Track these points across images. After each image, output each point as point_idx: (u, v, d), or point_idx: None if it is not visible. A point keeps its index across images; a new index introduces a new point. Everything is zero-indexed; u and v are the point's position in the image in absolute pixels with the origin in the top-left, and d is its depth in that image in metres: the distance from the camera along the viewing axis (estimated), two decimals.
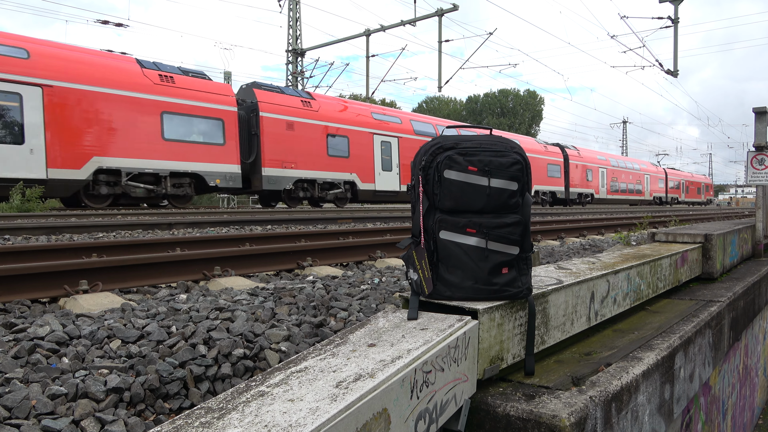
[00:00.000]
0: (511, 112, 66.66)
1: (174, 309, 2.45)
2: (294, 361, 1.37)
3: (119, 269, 3.47)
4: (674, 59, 21.50)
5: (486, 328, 1.67)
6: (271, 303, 2.61)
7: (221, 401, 1.13)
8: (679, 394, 2.42)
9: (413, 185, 1.76)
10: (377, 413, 1.17)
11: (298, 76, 27.07)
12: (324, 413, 1.05)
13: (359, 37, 24.25)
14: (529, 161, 1.76)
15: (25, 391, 1.51)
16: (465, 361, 1.57)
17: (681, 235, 4.20)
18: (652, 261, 3.12)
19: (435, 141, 1.74)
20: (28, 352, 1.82)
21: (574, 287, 2.22)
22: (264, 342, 2.01)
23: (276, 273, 4.36)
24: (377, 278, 3.61)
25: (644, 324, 2.71)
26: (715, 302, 3.22)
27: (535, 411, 1.55)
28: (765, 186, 5.82)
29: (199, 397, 1.73)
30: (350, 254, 5.14)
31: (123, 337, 1.99)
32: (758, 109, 5.66)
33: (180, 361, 1.79)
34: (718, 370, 3.38)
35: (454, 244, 1.71)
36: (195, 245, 5.12)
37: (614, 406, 1.75)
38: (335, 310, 2.53)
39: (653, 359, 2.09)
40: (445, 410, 1.46)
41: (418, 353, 1.37)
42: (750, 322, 4.12)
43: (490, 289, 1.73)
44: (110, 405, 1.55)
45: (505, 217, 1.72)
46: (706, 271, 4.07)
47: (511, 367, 1.84)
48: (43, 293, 3.11)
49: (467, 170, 1.69)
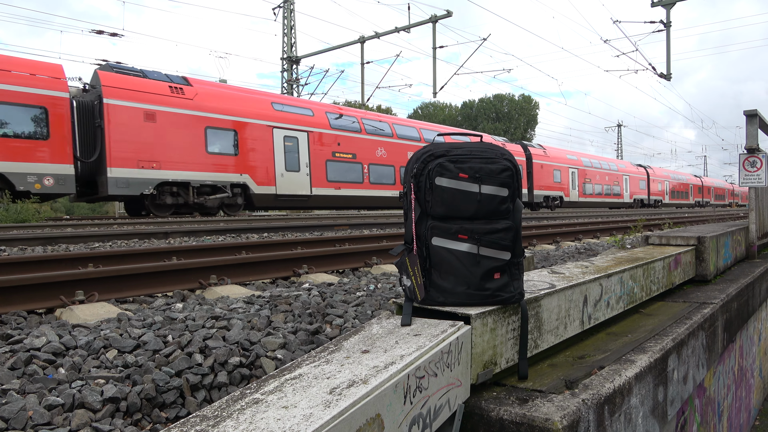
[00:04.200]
0: (506, 117, 66.94)
1: (170, 318, 2.46)
2: (288, 368, 1.39)
3: (115, 279, 3.47)
4: (667, 62, 21.65)
5: (479, 333, 1.69)
6: (267, 311, 2.62)
7: (216, 409, 1.14)
8: (673, 396, 2.43)
9: (405, 192, 1.78)
10: (370, 419, 1.18)
11: (294, 83, 27.15)
12: (318, 419, 1.06)
13: (354, 44, 24.37)
14: (519, 167, 1.77)
15: (22, 401, 1.52)
16: (458, 366, 1.58)
17: (674, 237, 4.23)
18: (645, 264, 3.14)
19: (426, 149, 1.77)
20: (25, 363, 1.83)
21: (567, 291, 2.24)
22: (260, 350, 2.03)
23: (272, 281, 4.37)
24: (373, 285, 3.63)
25: (637, 327, 2.73)
26: (708, 304, 3.24)
27: (528, 415, 1.57)
28: (757, 188, 5.87)
29: (196, 406, 1.74)
30: (346, 261, 5.16)
31: (119, 347, 2.00)
32: (749, 112, 5.71)
33: (176, 370, 1.80)
34: (712, 372, 3.40)
35: (447, 251, 1.73)
36: (191, 254, 5.12)
37: (607, 409, 1.77)
38: (331, 317, 2.54)
39: (646, 362, 2.11)
40: (438, 415, 1.47)
41: (411, 359, 1.39)
42: (744, 323, 4.14)
43: (483, 294, 1.75)
44: (107, 415, 1.56)
45: (496, 222, 1.74)
46: (699, 273, 4.10)
47: (504, 372, 1.86)
48: (39, 304, 3.12)
49: (458, 177, 1.71)
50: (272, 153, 16.31)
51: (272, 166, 16.30)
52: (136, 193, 13.37)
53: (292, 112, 17.26)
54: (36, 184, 11.82)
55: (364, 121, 19.68)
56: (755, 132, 5.68)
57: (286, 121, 16.82)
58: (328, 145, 17.96)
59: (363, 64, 24.34)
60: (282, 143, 16.58)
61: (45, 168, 11.99)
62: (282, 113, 16.86)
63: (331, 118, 18.45)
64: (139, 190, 13.37)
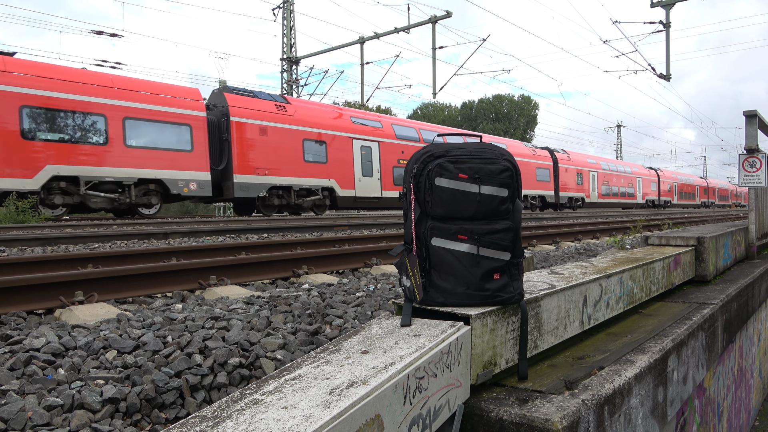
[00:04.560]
0: (506, 118, 66.93)
1: (170, 319, 2.46)
2: (288, 368, 1.38)
3: (115, 280, 3.47)
4: (667, 63, 21.65)
5: (479, 334, 1.69)
6: (266, 311, 2.62)
7: (216, 410, 1.14)
8: (673, 397, 2.43)
9: (405, 193, 1.78)
10: (370, 419, 1.18)
11: (293, 84, 27.15)
12: (317, 420, 1.06)
13: (353, 44, 24.37)
14: (519, 168, 1.78)
15: (21, 402, 1.52)
16: (458, 366, 1.58)
17: (674, 238, 4.23)
18: (644, 264, 3.14)
19: (426, 149, 1.77)
20: (24, 363, 1.83)
21: (567, 292, 2.24)
22: (259, 350, 2.03)
23: (272, 281, 4.37)
24: (372, 285, 3.63)
25: (637, 327, 2.73)
26: (708, 304, 3.24)
27: (528, 415, 1.57)
28: (757, 188, 5.87)
29: (195, 407, 1.74)
30: (346, 261, 5.16)
31: (119, 348, 2.00)
32: (749, 112, 5.71)
33: (176, 371, 1.80)
34: (712, 372, 3.40)
35: (446, 251, 1.73)
36: (191, 254, 5.12)
37: (607, 410, 1.77)
38: (330, 317, 2.54)
39: (646, 362, 2.11)
40: (438, 416, 1.47)
41: (411, 359, 1.39)
42: (744, 323, 4.14)
43: (482, 294, 1.75)
44: (106, 415, 1.56)
45: (496, 223, 1.74)
46: (699, 273, 4.10)
47: (504, 372, 1.85)
48: (38, 305, 3.12)
49: (458, 177, 1.71)
50: (352, 161, 18.88)
51: (352, 172, 18.84)
52: (253, 195, 15.84)
53: (366, 124, 19.81)
54: (185, 188, 14.55)
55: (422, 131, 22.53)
56: (755, 132, 5.68)
57: (362, 133, 19.37)
58: (393, 153, 20.43)
59: (363, 64, 24.35)
60: (359, 152, 19.16)
61: (190, 175, 14.67)
62: (359, 126, 19.39)
63: (396, 129, 21.00)
64: (256, 192, 15.91)
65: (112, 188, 13.40)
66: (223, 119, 15.63)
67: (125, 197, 13.55)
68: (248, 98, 16.22)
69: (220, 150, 15.65)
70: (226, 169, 15.61)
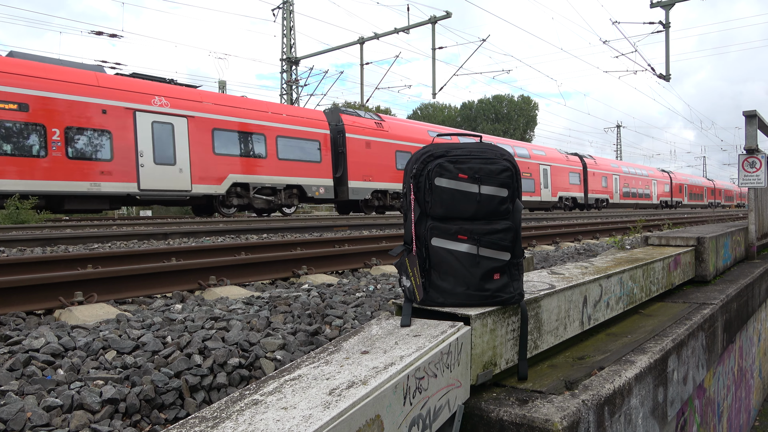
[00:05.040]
0: (505, 118, 66.92)
1: (169, 319, 2.46)
2: (288, 369, 1.38)
3: (114, 280, 3.47)
4: (666, 63, 21.66)
5: (479, 334, 1.69)
6: (266, 312, 2.61)
7: (215, 410, 1.14)
8: (673, 397, 2.43)
9: (405, 193, 1.78)
10: (370, 420, 1.18)
11: (293, 84, 27.15)
12: (317, 420, 1.06)
13: (353, 45, 24.38)
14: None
15: (21, 403, 1.52)
16: (458, 366, 1.58)
17: (674, 238, 4.23)
18: (644, 265, 3.14)
19: (425, 149, 1.77)
20: (24, 364, 1.82)
21: (567, 292, 2.24)
22: (259, 351, 2.02)
23: (271, 282, 4.37)
24: (372, 286, 3.62)
25: (637, 327, 2.73)
26: (708, 305, 3.24)
27: (528, 416, 1.56)
28: (757, 188, 5.87)
29: (195, 407, 1.73)
30: (345, 262, 5.16)
31: (118, 348, 1.99)
32: (748, 112, 5.71)
33: (175, 371, 1.80)
34: (712, 372, 3.40)
35: (446, 251, 1.73)
36: (190, 255, 5.12)
37: (607, 410, 1.76)
38: (330, 318, 2.54)
39: (646, 362, 2.11)
40: (438, 416, 1.47)
41: (411, 360, 1.39)
42: (744, 324, 4.14)
43: (482, 295, 1.74)
44: (106, 416, 1.56)
45: (495, 223, 1.74)
46: (699, 273, 4.10)
47: (504, 372, 1.85)
48: (38, 305, 3.11)
49: (458, 177, 1.71)
50: None
51: None
52: (361, 198, 19.31)
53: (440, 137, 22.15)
54: (316, 192, 18.05)
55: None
56: (754, 133, 5.68)
57: None
58: None
59: (362, 65, 24.36)
60: None
61: (320, 182, 18.16)
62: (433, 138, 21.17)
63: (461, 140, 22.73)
64: (363, 195, 19.40)
65: (268, 192, 16.83)
66: (339, 135, 19.02)
67: (277, 199, 16.96)
68: (356, 117, 19.69)
69: (336, 161, 19.00)
70: (342, 177, 19.04)
